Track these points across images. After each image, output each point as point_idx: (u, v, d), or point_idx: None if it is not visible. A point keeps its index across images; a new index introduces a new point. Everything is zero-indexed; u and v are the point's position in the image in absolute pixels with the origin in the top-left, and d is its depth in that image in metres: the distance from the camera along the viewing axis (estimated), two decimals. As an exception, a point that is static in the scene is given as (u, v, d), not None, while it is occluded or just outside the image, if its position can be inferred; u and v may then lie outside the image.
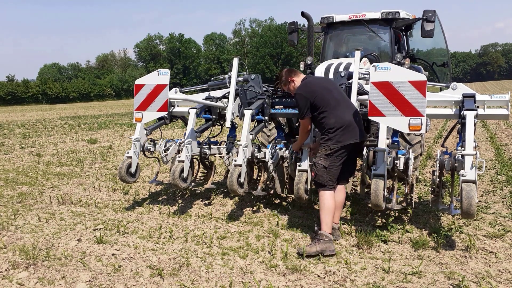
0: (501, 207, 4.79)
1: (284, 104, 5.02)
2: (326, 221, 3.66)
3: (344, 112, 3.84)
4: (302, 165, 4.01)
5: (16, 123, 20.06)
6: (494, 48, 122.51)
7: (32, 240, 4.04)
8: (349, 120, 3.81)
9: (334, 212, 3.80)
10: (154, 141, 5.15)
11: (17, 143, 11.92)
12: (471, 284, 3.03)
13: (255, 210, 4.87)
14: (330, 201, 3.73)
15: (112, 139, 12.51)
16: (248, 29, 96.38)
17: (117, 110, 32.82)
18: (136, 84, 5.06)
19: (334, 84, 4.18)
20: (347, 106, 3.92)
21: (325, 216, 3.68)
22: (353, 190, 5.13)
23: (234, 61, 5.38)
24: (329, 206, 3.71)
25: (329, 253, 3.52)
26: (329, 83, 4.10)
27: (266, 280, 3.14)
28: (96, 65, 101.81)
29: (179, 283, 3.11)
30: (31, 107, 52.18)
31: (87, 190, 6.13)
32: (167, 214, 4.84)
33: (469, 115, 3.77)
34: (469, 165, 3.48)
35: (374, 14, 7.12)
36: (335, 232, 3.88)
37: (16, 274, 3.28)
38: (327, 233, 3.61)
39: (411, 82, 3.59)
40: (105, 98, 78.95)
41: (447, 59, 7.95)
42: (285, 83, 4.24)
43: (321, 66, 6.61)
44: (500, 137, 10.40)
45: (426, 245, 3.69)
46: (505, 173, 6.25)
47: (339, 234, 3.94)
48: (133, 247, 3.82)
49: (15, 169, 7.86)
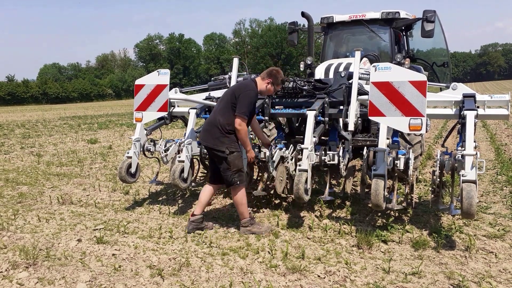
0: (501, 207, 4.78)
1: (284, 104, 5.02)
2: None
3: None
4: (302, 165, 4.01)
5: (16, 123, 20.06)
6: (494, 48, 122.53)
7: (32, 240, 4.04)
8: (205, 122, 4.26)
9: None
10: (154, 141, 5.15)
11: (17, 143, 11.92)
12: (471, 284, 3.03)
13: (255, 210, 4.87)
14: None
15: (112, 139, 12.51)
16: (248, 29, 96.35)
17: (117, 110, 32.81)
18: (136, 84, 5.06)
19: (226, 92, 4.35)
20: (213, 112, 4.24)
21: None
22: (353, 190, 5.12)
23: (234, 61, 5.38)
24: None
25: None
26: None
27: (266, 280, 3.14)
28: (96, 65, 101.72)
29: (179, 283, 3.11)
30: (31, 107, 52.17)
31: (87, 190, 6.13)
32: (167, 214, 4.84)
33: (469, 115, 3.77)
34: (469, 165, 3.47)
35: (374, 14, 7.12)
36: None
37: (16, 274, 3.28)
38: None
39: (412, 82, 3.60)
40: (105, 98, 78.88)
41: (447, 59, 7.96)
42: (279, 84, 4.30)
43: (321, 66, 6.61)
44: (500, 137, 10.40)
45: (426, 245, 3.69)
46: (505, 173, 6.25)
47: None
48: (133, 247, 3.82)
49: (15, 169, 7.86)
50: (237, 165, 4.07)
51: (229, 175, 4.05)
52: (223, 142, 4.01)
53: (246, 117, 3.97)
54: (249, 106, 3.99)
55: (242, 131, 3.98)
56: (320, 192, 4.98)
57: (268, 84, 4.16)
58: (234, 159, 4.04)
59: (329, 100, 4.57)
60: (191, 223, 4.17)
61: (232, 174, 4.04)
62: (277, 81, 4.19)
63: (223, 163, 4.06)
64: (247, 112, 3.97)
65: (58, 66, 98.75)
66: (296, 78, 5.07)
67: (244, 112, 3.95)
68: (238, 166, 4.07)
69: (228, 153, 4.01)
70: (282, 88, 4.97)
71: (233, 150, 4.04)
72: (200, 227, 4.20)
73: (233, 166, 4.04)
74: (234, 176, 4.05)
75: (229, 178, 4.06)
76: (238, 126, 3.95)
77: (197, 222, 4.18)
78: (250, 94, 4.02)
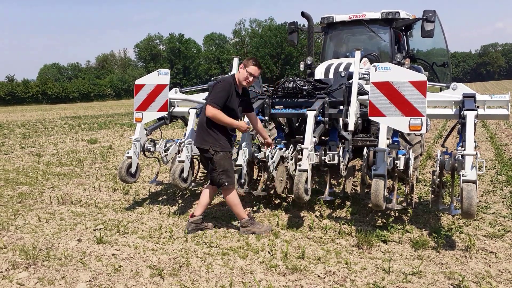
0: (501, 207, 4.78)
1: (284, 104, 5.02)
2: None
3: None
4: (302, 165, 4.01)
5: (16, 123, 20.06)
6: (494, 48, 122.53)
7: (32, 240, 4.04)
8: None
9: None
10: (154, 141, 5.15)
11: (17, 143, 11.92)
12: (471, 284, 3.03)
13: (255, 210, 4.87)
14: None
15: (112, 139, 12.51)
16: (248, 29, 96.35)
17: (117, 110, 32.81)
18: (136, 84, 5.07)
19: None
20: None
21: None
22: (353, 190, 5.12)
23: (234, 61, 5.38)
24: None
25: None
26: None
27: (266, 280, 3.14)
28: (96, 65, 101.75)
29: (179, 283, 3.11)
30: (31, 107, 52.19)
31: (87, 190, 6.13)
32: (167, 214, 4.84)
33: (469, 115, 3.77)
34: (470, 165, 3.47)
35: (374, 14, 7.13)
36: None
37: (16, 274, 3.28)
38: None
39: (412, 82, 3.60)
40: (105, 98, 78.90)
41: (447, 59, 7.96)
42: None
43: (321, 66, 6.61)
44: (500, 137, 10.40)
45: (426, 245, 3.69)
46: (505, 173, 6.25)
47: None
48: (133, 247, 3.82)
49: (15, 169, 7.86)
50: (223, 165, 3.99)
51: (216, 175, 4.01)
52: (206, 141, 3.98)
53: (216, 105, 3.85)
54: (218, 94, 3.89)
55: (214, 117, 3.87)
56: (320, 192, 4.98)
57: (241, 69, 4.06)
58: (219, 159, 3.98)
59: (329, 100, 4.57)
60: (190, 224, 4.17)
61: (218, 174, 3.99)
62: (248, 63, 4.02)
63: (209, 163, 4.05)
64: (215, 99, 3.87)
65: (58, 66, 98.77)
66: (296, 78, 5.06)
67: (212, 100, 3.87)
68: (224, 167, 3.99)
69: (213, 153, 3.96)
70: (282, 88, 4.97)
71: (217, 149, 3.97)
72: (200, 227, 4.20)
73: (219, 167, 3.98)
74: (221, 177, 3.99)
75: (216, 179, 4.03)
76: (209, 113, 3.86)
77: (196, 223, 4.18)
78: (221, 85, 3.96)
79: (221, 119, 3.89)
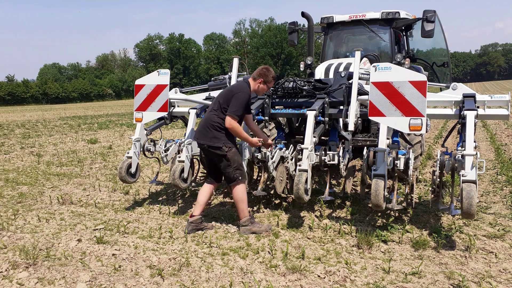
0: (501, 207, 4.78)
1: (284, 104, 5.02)
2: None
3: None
4: (302, 165, 4.01)
5: (16, 123, 20.06)
6: (494, 48, 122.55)
7: (32, 240, 4.04)
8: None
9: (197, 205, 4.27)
10: (154, 141, 5.15)
11: (17, 143, 11.92)
12: (471, 284, 3.03)
13: (255, 210, 4.87)
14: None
15: (112, 139, 12.51)
16: (248, 29, 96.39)
17: (117, 110, 32.81)
18: (136, 84, 5.07)
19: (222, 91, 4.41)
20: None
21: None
22: (353, 190, 5.12)
23: (234, 61, 5.39)
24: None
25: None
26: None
27: (266, 280, 3.14)
28: (96, 65, 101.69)
29: (179, 283, 3.11)
30: (31, 107, 52.18)
31: (87, 190, 6.13)
32: (167, 214, 4.84)
33: (469, 115, 3.77)
34: (470, 165, 3.48)
35: (374, 14, 7.13)
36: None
37: (16, 274, 3.28)
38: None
39: (412, 82, 3.60)
40: (105, 98, 78.88)
41: (447, 59, 7.96)
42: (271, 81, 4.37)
43: (321, 66, 6.62)
44: (500, 137, 10.40)
45: (426, 245, 3.69)
46: (505, 173, 6.25)
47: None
48: (133, 247, 3.82)
49: (15, 169, 7.86)
50: (237, 160, 4.13)
51: (231, 171, 4.09)
52: (219, 139, 4.06)
53: (237, 117, 4.05)
54: (240, 107, 4.06)
55: (233, 129, 4.05)
56: (320, 192, 4.99)
57: (260, 83, 4.25)
58: (233, 155, 4.10)
59: (329, 100, 4.57)
60: (190, 224, 4.17)
61: (233, 170, 4.09)
62: (268, 78, 4.25)
63: (223, 160, 4.09)
64: (237, 112, 4.04)
65: (58, 66, 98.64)
66: (296, 78, 5.07)
67: (235, 112, 4.03)
68: (238, 162, 4.14)
69: (226, 150, 4.06)
70: (282, 88, 4.98)
71: (230, 146, 4.09)
72: (200, 227, 4.20)
73: (233, 162, 4.09)
74: (236, 172, 4.09)
75: (231, 174, 4.10)
76: (228, 125, 4.01)
77: (196, 223, 4.18)
78: (242, 96, 4.10)
79: (238, 133, 4.09)
